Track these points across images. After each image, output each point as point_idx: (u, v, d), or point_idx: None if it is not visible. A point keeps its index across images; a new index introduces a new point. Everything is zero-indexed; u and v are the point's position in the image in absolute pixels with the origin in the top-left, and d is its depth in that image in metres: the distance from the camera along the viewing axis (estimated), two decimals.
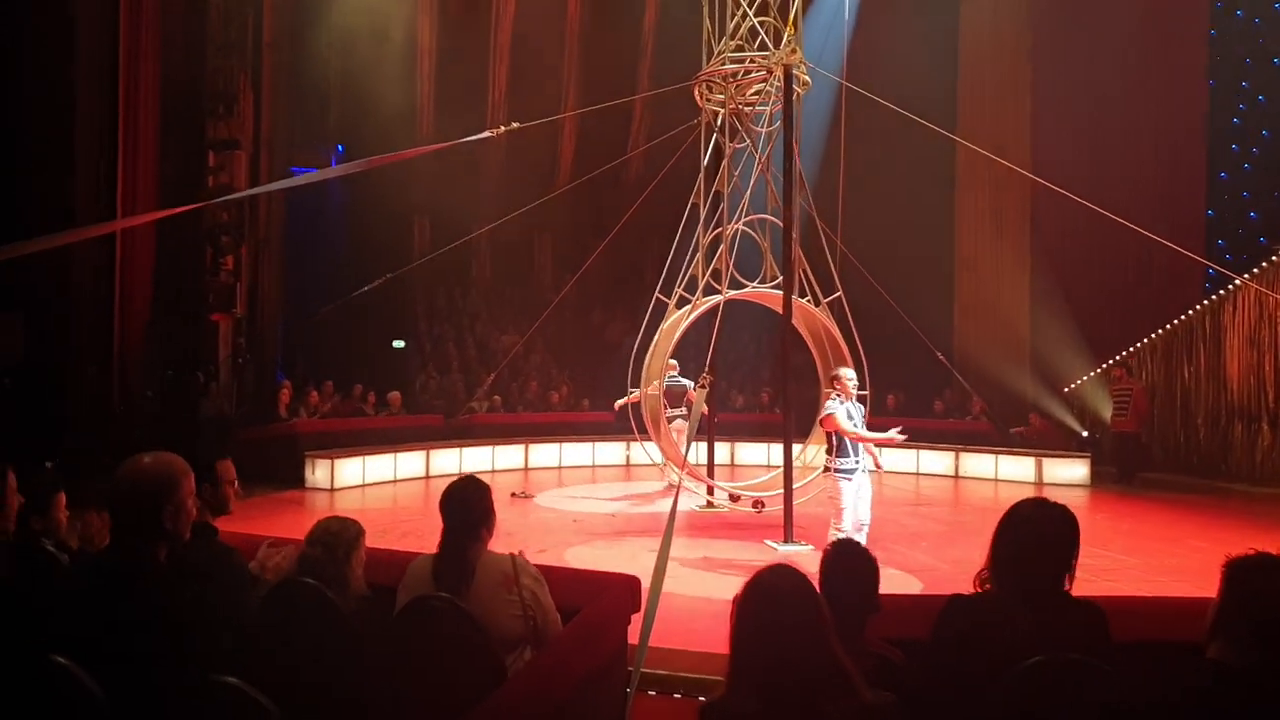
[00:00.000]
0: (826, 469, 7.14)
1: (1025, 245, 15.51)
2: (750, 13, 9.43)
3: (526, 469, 13.45)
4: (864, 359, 9.44)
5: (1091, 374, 14.72)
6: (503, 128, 8.17)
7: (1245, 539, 7.81)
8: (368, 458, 11.94)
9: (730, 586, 7.35)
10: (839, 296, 9.58)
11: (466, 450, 13.10)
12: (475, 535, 3.12)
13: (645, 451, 10.73)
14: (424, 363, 15.98)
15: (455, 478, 3.23)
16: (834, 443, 7.02)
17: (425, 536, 8.24)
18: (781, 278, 9.28)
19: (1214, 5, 15.38)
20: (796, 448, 10.68)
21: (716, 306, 9.67)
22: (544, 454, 13.76)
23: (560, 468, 13.72)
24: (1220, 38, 15.35)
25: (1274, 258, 13.19)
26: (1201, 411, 14.09)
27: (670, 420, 11.04)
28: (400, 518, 9.71)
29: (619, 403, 11.46)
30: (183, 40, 13.07)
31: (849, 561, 2.96)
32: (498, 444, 13.45)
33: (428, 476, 12.53)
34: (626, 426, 14.65)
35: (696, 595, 6.53)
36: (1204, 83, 15.31)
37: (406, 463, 12.41)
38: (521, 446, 13.61)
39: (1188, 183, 15.10)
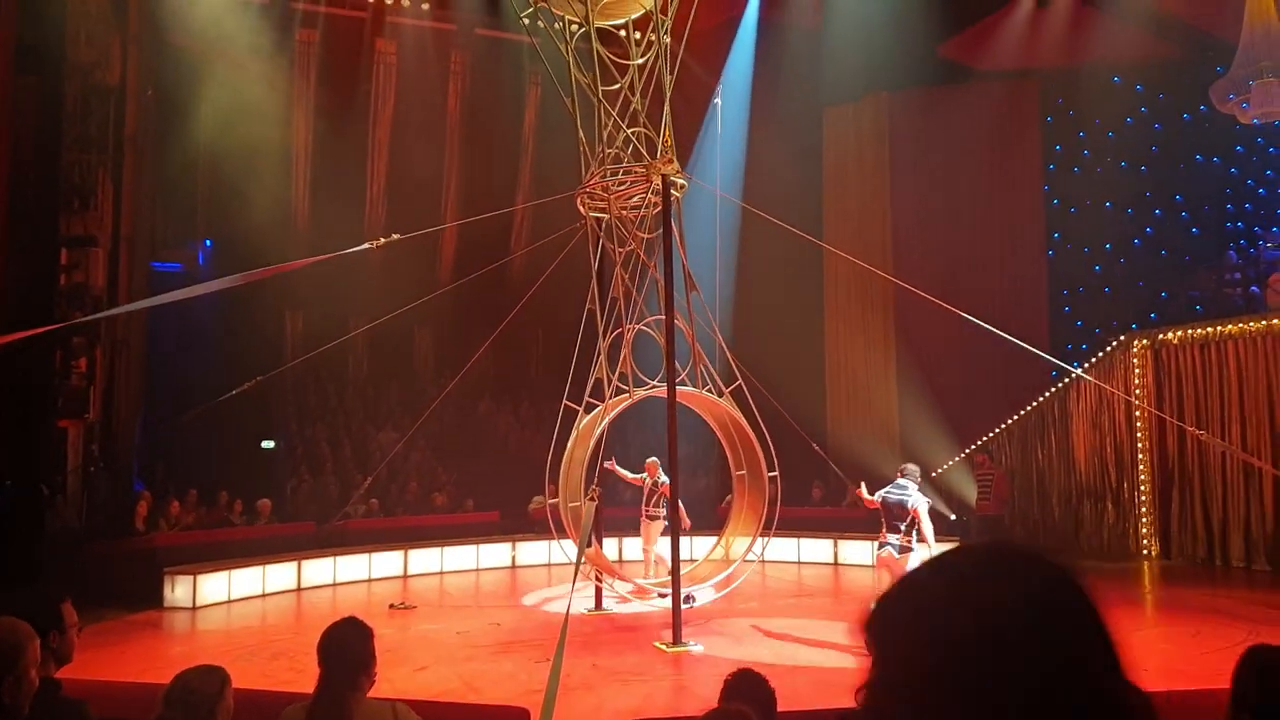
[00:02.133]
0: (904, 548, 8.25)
1: (890, 343, 16.34)
2: (623, 124, 9.78)
3: (406, 576, 12.98)
4: (770, 444, 9.77)
5: (956, 459, 15.45)
6: (382, 240, 8.12)
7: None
8: (233, 572, 11.29)
9: (619, 697, 7.25)
10: (739, 386, 9.86)
11: (341, 559, 12.56)
12: (354, 683, 2.97)
13: (564, 551, 10.51)
14: (295, 465, 15.36)
15: (336, 620, 3.09)
16: (903, 527, 8.27)
17: (297, 657, 7.84)
18: (682, 374, 9.55)
19: (1045, 118, 16.93)
20: (711, 541, 10.86)
21: (619, 410, 9.80)
22: (425, 560, 13.32)
23: (442, 573, 13.30)
24: (1051, 148, 16.89)
25: (1108, 348, 14.34)
26: (1055, 491, 14.97)
27: (652, 519, 11.14)
28: (270, 637, 9.19)
29: (534, 505, 11.32)
30: (34, 135, 12.55)
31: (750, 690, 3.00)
32: (375, 550, 12.96)
33: (299, 589, 11.93)
34: (515, 526, 14.56)
35: (584, 712, 6.40)
36: (1040, 189, 16.75)
37: (276, 575, 11.79)
38: (400, 553, 13.15)
39: (1031, 281, 16.39)
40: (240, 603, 11.15)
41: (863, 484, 9.19)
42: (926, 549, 8.04)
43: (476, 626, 9.55)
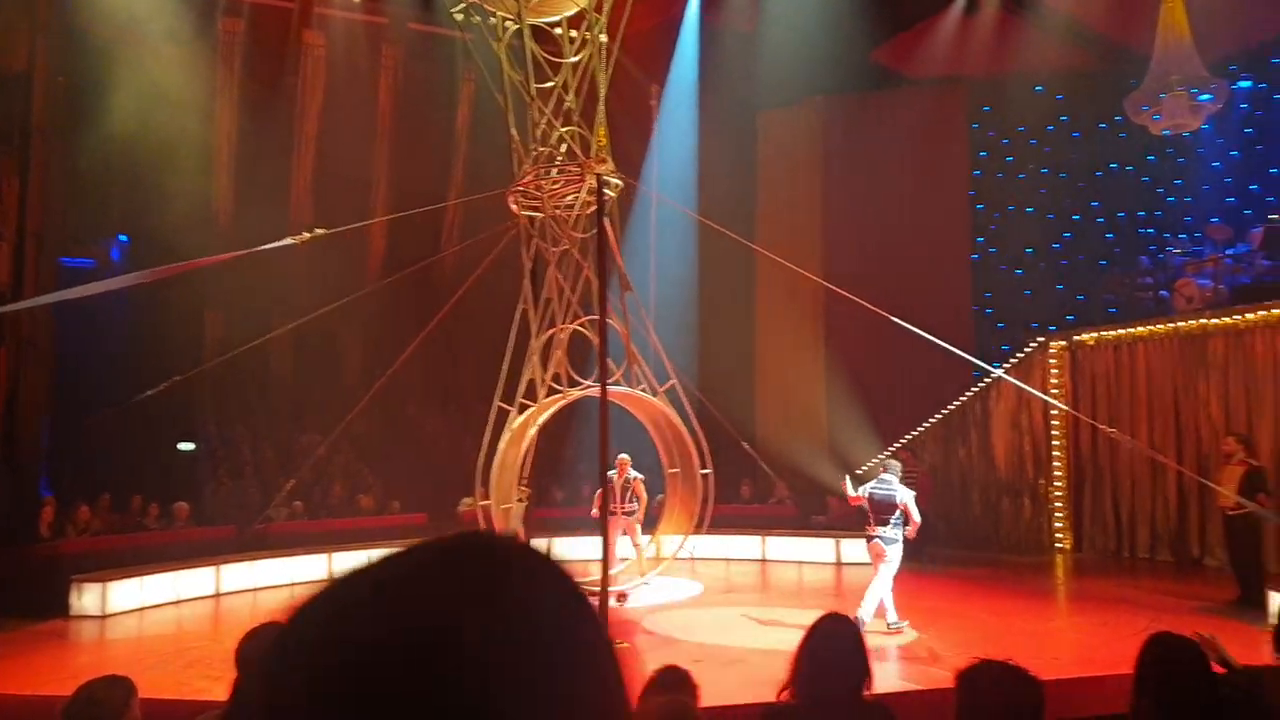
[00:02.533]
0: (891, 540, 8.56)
1: (819, 343, 16.58)
2: (557, 123, 9.74)
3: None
4: (704, 443, 9.83)
5: (881, 457, 15.74)
6: (306, 235, 7.93)
7: (1020, 608, 8.49)
8: (146, 578, 10.88)
9: None
10: (673, 384, 9.88)
11: (262, 563, 12.22)
12: None
13: None
14: (215, 468, 14.91)
15: (255, 625, 3.00)
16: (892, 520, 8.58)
17: (214, 664, 7.60)
18: (617, 374, 9.55)
19: (971, 125, 17.37)
20: (644, 539, 10.86)
21: (553, 410, 9.73)
22: (350, 563, 12.97)
23: None
24: (977, 154, 17.35)
25: (1027, 350, 14.79)
26: (975, 488, 15.38)
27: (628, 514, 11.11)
28: (185, 644, 8.90)
29: (463, 507, 11.17)
30: None
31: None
32: (298, 554, 12.63)
33: (218, 595, 11.57)
34: (443, 528, 14.31)
35: None
36: (966, 194, 17.19)
37: (193, 581, 11.41)
38: (325, 556, 12.84)
39: (956, 283, 16.80)
40: (154, 610, 10.75)
41: (847, 479, 9.36)
42: (902, 544, 8.60)
43: None
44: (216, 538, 12.69)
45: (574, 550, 13.83)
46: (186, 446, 15.52)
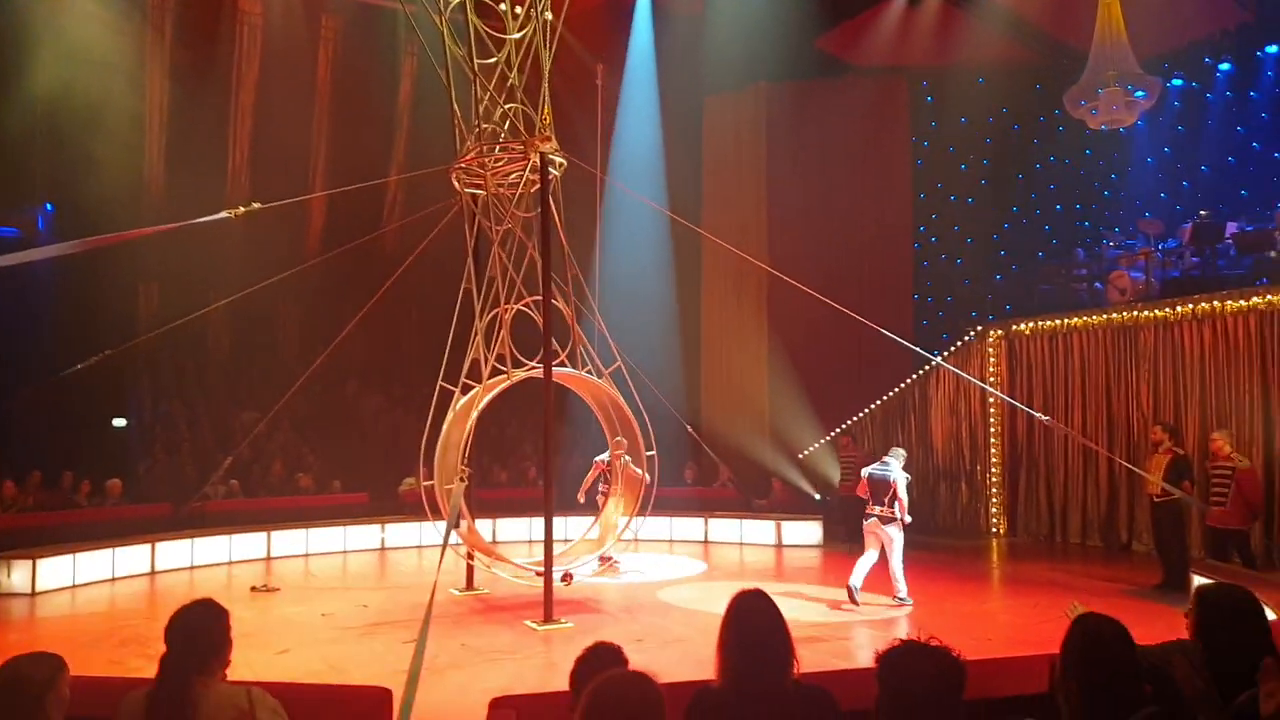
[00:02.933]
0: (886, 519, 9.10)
1: (763, 328, 16.72)
2: (500, 100, 9.61)
3: (269, 559, 12.52)
4: (648, 425, 9.84)
5: (821, 442, 15.98)
6: (241, 209, 7.72)
7: (954, 591, 8.67)
8: (78, 555, 10.63)
9: (487, 675, 7.16)
10: (619, 366, 9.87)
11: (199, 541, 11.99)
12: (203, 667, 2.84)
13: (437, 533, 10.25)
14: (149, 444, 14.55)
15: (188, 602, 2.95)
16: (886, 500, 9.11)
17: (149, 642, 7.44)
18: (562, 355, 9.50)
19: (914, 115, 17.61)
20: (589, 520, 10.86)
21: (497, 391, 9.64)
22: (289, 542, 12.87)
23: (308, 555, 12.88)
24: (919, 144, 17.60)
25: (965, 339, 15.10)
26: (913, 473, 15.64)
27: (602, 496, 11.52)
28: (119, 622, 8.71)
29: (405, 487, 11.05)
30: None
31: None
32: (235, 532, 12.43)
33: (153, 573, 11.34)
34: (384, 508, 14.21)
35: (452, 691, 6.34)
36: (908, 183, 17.44)
37: (128, 559, 11.16)
38: (263, 535, 12.66)
39: (897, 272, 17.07)
40: (86, 588, 10.51)
41: (864, 471, 9.68)
42: (901, 522, 9.12)
43: (343, 608, 9.30)
44: (151, 515, 12.42)
45: (517, 532, 13.89)
46: (120, 423, 15.12)
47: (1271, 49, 14.96)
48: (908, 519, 9.20)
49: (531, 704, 3.68)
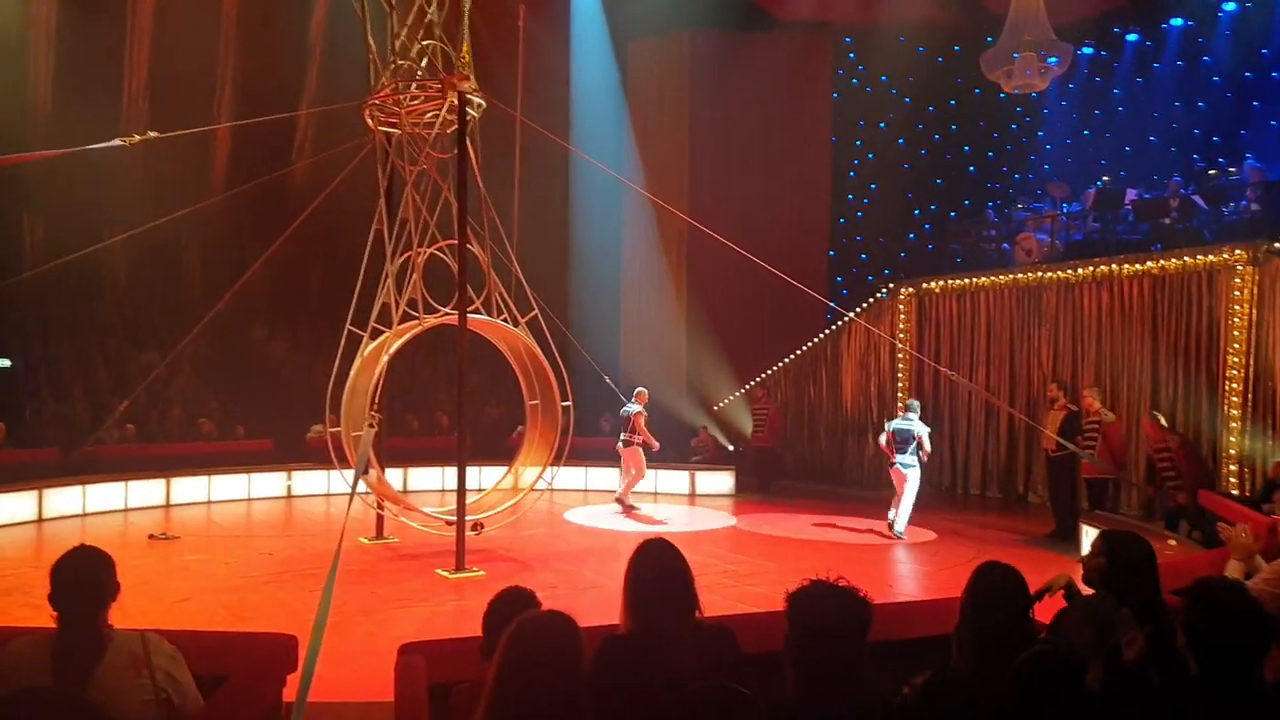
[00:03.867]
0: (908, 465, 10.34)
1: (683, 279, 16.74)
2: (417, 35, 9.24)
3: (168, 506, 12.09)
4: (565, 375, 9.74)
5: (736, 394, 16.18)
6: (138, 137, 7.26)
7: (860, 540, 8.88)
8: None
9: (397, 622, 7.08)
10: (535, 315, 9.71)
11: (92, 488, 11.49)
12: (92, 615, 2.75)
13: (345, 482, 10.00)
14: (37, 386, 13.83)
15: (69, 549, 2.82)
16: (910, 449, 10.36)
17: (33, 592, 7.10)
18: (477, 301, 9.29)
19: (836, 71, 17.72)
20: (502, 470, 10.73)
21: (408, 336, 9.38)
22: (190, 489, 12.44)
23: (210, 503, 12.49)
24: (841, 101, 17.72)
25: (878, 295, 15.40)
26: (823, 426, 16.05)
27: (625, 445, 12.29)
28: (4, 570, 8.31)
29: (312, 434, 10.71)
30: None
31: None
32: (132, 479, 11.94)
33: (40, 520, 10.84)
34: (290, 455, 13.83)
35: (360, 637, 6.25)
36: (828, 140, 17.56)
37: (11, 505, 10.63)
38: (162, 481, 12.20)
39: (814, 228, 17.27)
40: None
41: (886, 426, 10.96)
42: (921, 465, 10.50)
43: (246, 557, 9.06)
44: (39, 460, 11.83)
45: (429, 481, 13.73)
46: (5, 363, 14.32)
47: (1176, 22, 15.44)
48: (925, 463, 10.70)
49: (441, 649, 3.63)
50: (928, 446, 10.56)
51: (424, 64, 9.28)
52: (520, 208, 10.15)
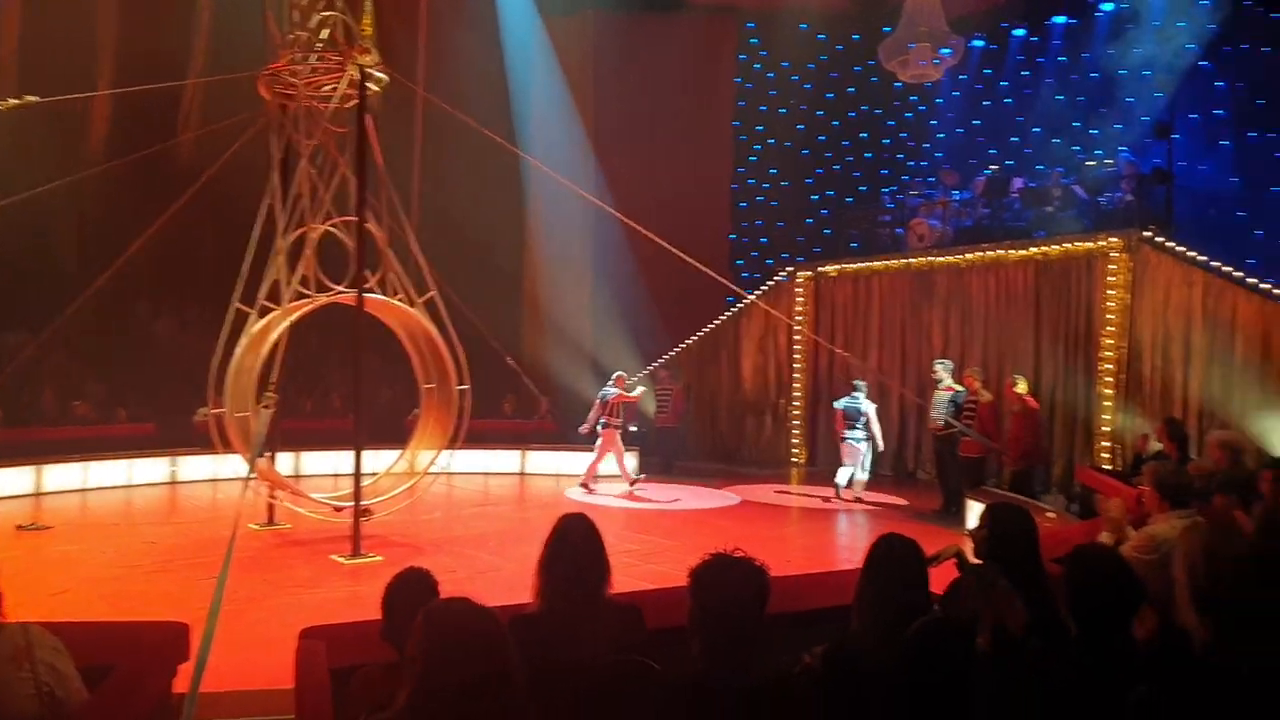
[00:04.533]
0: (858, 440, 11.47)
1: (587, 260, 16.68)
2: (317, 5, 8.90)
3: (39, 494, 11.43)
4: (461, 356, 9.54)
5: (640, 374, 16.25)
6: (13, 101, 6.80)
7: (760, 516, 9.08)
8: None
9: (291, 609, 6.89)
10: (433, 296, 9.49)
11: None
12: None
13: (230, 468, 9.62)
14: None
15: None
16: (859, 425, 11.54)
17: None
18: (373, 280, 9.03)
19: (739, 56, 17.89)
20: (397, 453, 10.46)
21: (298, 315, 9.03)
22: (63, 476, 11.78)
23: (85, 490, 11.87)
24: (743, 86, 17.91)
25: (777, 278, 15.69)
26: (724, 406, 16.31)
27: (605, 427, 12.34)
28: None
29: (199, 417, 10.22)
30: None
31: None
32: None
33: None
34: (176, 439, 13.22)
35: (254, 625, 6.06)
36: (730, 124, 17.74)
37: None
38: (32, 469, 11.53)
39: (716, 211, 17.47)
40: None
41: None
42: (872, 440, 11.57)
43: (128, 546, 8.66)
44: None
45: (323, 465, 13.39)
46: None
47: (1059, 19, 16.13)
48: (880, 444, 11.85)
49: (342, 633, 3.55)
50: (875, 422, 11.60)
51: (324, 35, 8.94)
52: (421, 186, 9.93)
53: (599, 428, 12.38)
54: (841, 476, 11.67)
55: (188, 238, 14.70)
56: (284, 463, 11.91)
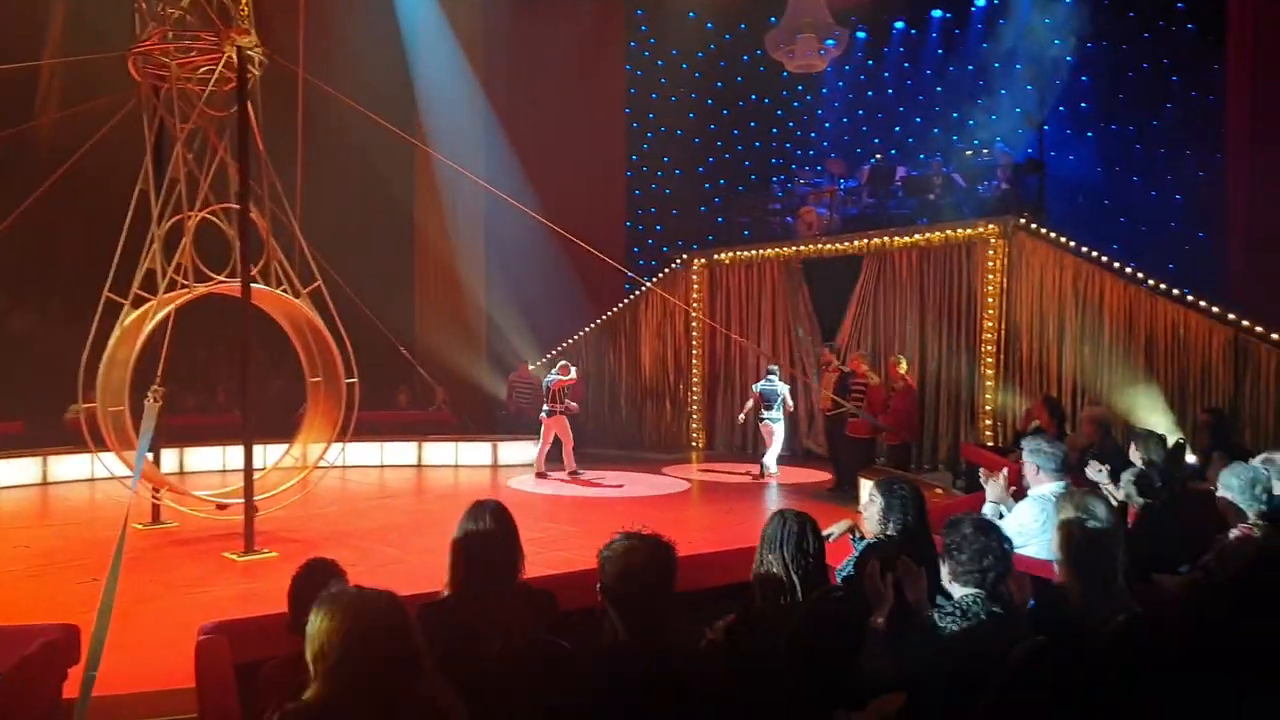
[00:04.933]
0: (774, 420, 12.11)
1: (480, 247, 16.48)
2: None
3: None
4: (349, 348, 9.29)
5: (538, 363, 16.21)
6: None
7: (660, 500, 9.20)
8: None
9: (184, 608, 6.67)
10: (319, 286, 9.20)
11: None
12: None
13: (105, 466, 9.09)
14: None
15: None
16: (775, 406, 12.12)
17: None
18: (255, 269, 8.69)
19: (629, 43, 17.93)
20: (283, 448, 10.10)
21: (176, 305, 8.61)
22: None
23: None
24: (634, 73, 17.97)
25: (673, 265, 15.87)
26: (623, 393, 16.43)
27: (549, 414, 12.40)
28: None
29: (71, 414, 9.65)
30: None
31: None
32: None
33: None
34: (45, 439, 12.47)
35: (148, 625, 5.83)
36: (623, 111, 17.79)
37: None
38: None
39: (612, 199, 17.48)
40: None
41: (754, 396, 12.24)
42: (785, 420, 12.26)
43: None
44: None
45: (208, 461, 12.90)
46: None
47: (937, 13, 16.77)
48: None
49: (245, 628, 3.46)
50: (790, 402, 12.37)
51: (186, 3, 8.51)
52: (306, 172, 9.56)
53: (543, 415, 12.44)
54: (769, 458, 12.22)
55: (50, 227, 13.88)
56: (168, 460, 11.42)
